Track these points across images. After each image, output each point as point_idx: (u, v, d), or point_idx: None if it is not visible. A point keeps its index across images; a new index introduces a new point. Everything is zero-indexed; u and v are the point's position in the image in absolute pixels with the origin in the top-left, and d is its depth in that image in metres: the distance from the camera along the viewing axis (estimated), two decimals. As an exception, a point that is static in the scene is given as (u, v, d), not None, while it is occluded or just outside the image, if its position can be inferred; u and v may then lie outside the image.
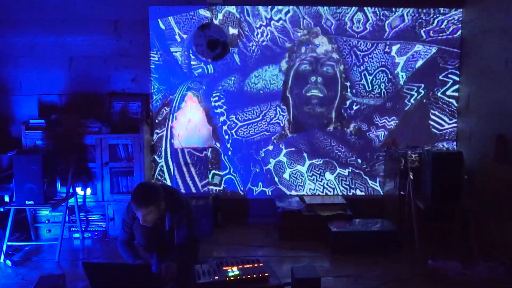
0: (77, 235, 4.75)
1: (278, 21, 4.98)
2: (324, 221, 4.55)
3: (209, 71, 5.04)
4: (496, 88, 4.34)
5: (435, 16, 4.98)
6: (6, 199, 4.46)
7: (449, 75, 5.06)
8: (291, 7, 4.97)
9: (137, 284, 2.78)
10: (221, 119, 5.10)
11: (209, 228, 4.70)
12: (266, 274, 3.31)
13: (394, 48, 5.02)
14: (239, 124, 5.11)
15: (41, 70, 5.02)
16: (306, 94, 5.09)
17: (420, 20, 4.98)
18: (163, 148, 5.13)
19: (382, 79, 5.06)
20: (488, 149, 4.36)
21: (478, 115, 4.67)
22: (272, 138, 5.12)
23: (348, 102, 5.08)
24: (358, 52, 5.03)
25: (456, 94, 5.07)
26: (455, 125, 5.09)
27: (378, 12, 4.97)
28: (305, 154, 5.13)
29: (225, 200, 5.13)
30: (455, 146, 5.09)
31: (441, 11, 4.97)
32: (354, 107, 5.09)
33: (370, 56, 5.04)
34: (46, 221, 4.74)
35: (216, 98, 5.07)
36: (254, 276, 3.26)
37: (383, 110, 5.10)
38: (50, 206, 4.22)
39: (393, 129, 5.10)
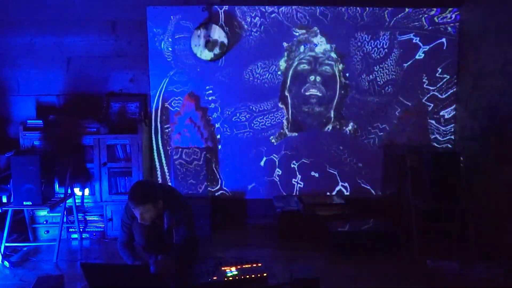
0: (75, 235, 4.74)
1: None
2: (322, 221, 4.55)
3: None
4: (494, 88, 4.34)
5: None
6: (4, 200, 4.44)
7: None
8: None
9: (135, 285, 2.78)
10: (214, 115, 5.10)
11: (208, 229, 4.69)
12: (265, 274, 3.31)
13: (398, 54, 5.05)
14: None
15: (39, 71, 5.01)
16: (305, 93, 5.09)
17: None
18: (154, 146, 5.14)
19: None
20: (486, 149, 4.36)
21: (476, 115, 4.67)
22: (271, 137, 5.12)
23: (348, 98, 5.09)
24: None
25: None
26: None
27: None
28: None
29: (223, 200, 5.13)
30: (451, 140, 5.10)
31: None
32: (351, 101, 5.09)
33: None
34: (44, 222, 4.73)
35: (210, 91, 5.07)
36: (253, 276, 3.26)
37: (377, 114, 5.10)
38: (48, 207, 4.21)
39: (392, 129, 5.10)
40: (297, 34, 5.01)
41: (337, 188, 5.17)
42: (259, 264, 3.43)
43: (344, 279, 3.74)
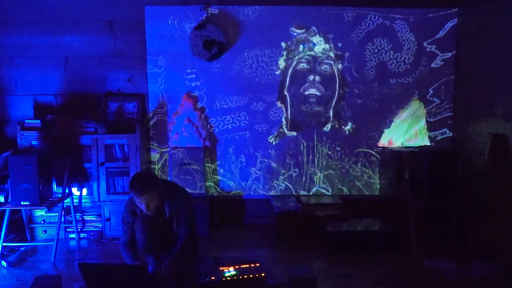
0: (73, 235, 4.74)
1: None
2: (320, 221, 4.55)
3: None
4: (492, 88, 4.34)
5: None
6: (2, 199, 4.43)
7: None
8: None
9: (133, 285, 2.78)
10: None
11: (206, 229, 4.69)
12: (263, 274, 3.31)
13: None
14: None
15: (37, 70, 4.99)
16: (304, 92, 5.09)
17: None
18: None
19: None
20: (484, 149, 4.36)
21: (474, 114, 4.67)
22: (269, 137, 5.11)
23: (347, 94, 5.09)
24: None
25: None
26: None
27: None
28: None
29: (221, 200, 5.12)
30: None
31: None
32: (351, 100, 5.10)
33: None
34: (42, 222, 4.73)
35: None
36: (251, 276, 3.26)
37: (377, 114, 5.11)
38: (45, 207, 4.20)
39: (390, 128, 5.10)
40: (296, 33, 5.00)
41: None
42: (257, 264, 3.43)
43: (342, 279, 3.74)
